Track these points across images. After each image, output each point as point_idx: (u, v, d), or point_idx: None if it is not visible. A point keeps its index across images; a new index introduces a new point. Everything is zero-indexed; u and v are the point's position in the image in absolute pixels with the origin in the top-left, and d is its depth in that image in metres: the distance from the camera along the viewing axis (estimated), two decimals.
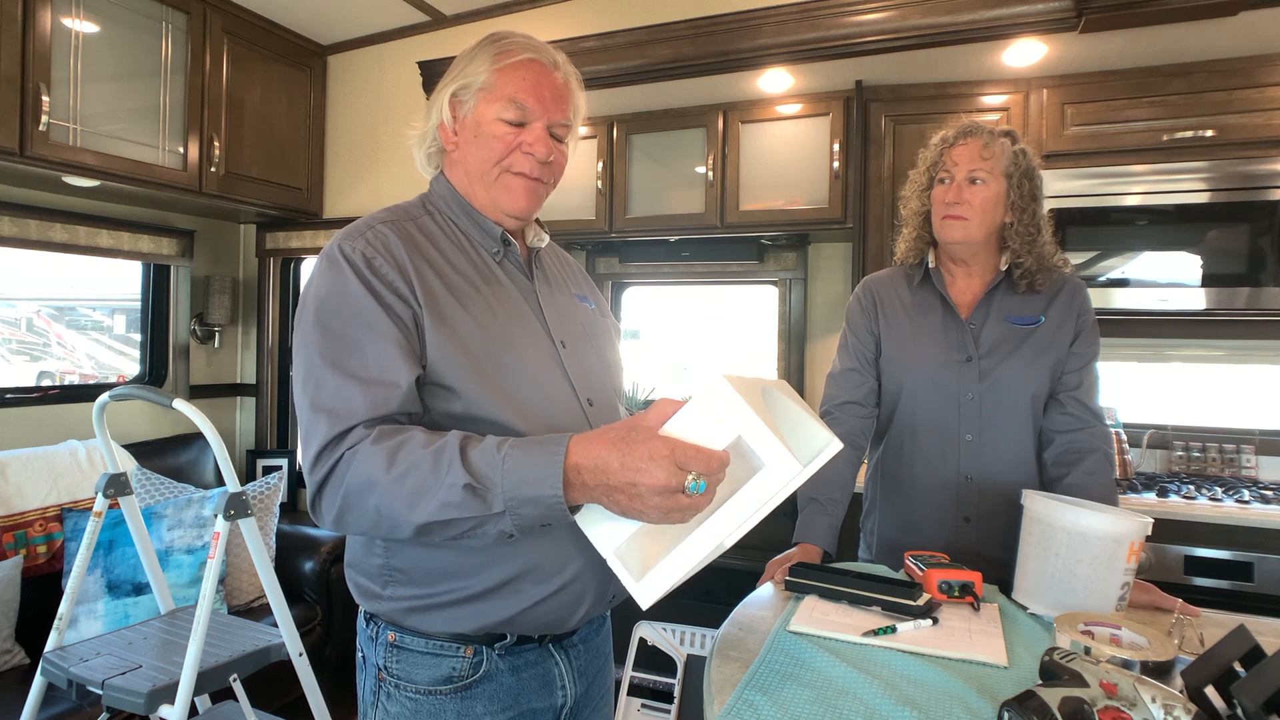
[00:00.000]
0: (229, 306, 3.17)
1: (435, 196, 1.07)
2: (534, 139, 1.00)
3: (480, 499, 0.81)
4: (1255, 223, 2.00)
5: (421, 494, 0.81)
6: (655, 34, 2.41)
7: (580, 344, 1.07)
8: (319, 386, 0.88)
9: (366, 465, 0.83)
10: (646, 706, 2.22)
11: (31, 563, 2.17)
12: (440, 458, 0.82)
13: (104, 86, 2.32)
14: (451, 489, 0.80)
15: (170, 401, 1.63)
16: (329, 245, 0.96)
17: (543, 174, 1.03)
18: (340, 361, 0.88)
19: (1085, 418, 1.40)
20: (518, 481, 0.80)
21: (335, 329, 0.90)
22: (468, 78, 1.01)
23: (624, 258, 3.13)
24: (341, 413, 0.86)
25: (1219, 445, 2.35)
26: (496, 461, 0.81)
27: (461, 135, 1.03)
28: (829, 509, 1.43)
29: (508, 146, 1.00)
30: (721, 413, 0.79)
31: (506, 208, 1.03)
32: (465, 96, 1.01)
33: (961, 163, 1.40)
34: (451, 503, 0.81)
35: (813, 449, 0.84)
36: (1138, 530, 1.07)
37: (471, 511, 0.81)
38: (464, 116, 1.02)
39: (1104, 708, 0.72)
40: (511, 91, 0.99)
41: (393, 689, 0.97)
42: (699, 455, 0.77)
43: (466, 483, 0.80)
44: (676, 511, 0.77)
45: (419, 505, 0.82)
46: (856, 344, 1.55)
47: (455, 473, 0.81)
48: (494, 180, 1.02)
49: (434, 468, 0.82)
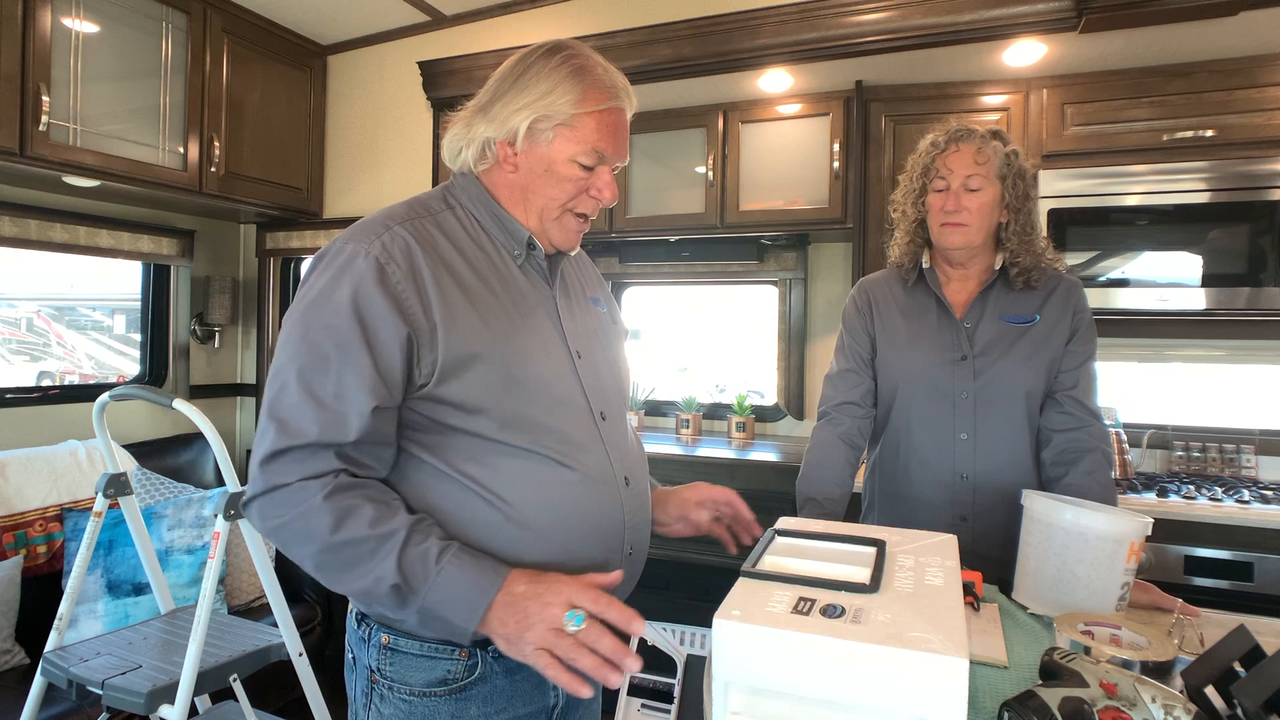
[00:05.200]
0: (229, 306, 3.17)
1: (459, 191, 1.03)
2: (603, 185, 1.01)
3: (399, 599, 0.85)
4: (1255, 223, 2.00)
5: (350, 568, 0.86)
6: (655, 34, 2.41)
7: (594, 353, 1.06)
8: (281, 392, 0.89)
9: (312, 519, 0.86)
10: (646, 706, 2.22)
11: (31, 563, 2.17)
12: (381, 546, 0.85)
13: (104, 86, 2.32)
14: (379, 581, 0.84)
15: (170, 401, 1.63)
16: (338, 240, 0.93)
17: (595, 213, 1.05)
18: (305, 375, 0.88)
19: (1083, 417, 1.40)
20: (440, 601, 0.84)
21: (311, 339, 0.89)
22: (548, 110, 0.96)
23: (624, 258, 3.13)
24: (291, 429, 0.87)
25: (1219, 445, 2.35)
26: (431, 572, 0.85)
27: (526, 161, 0.99)
28: (828, 508, 1.43)
29: (579, 189, 1.00)
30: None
31: (559, 243, 1.03)
32: (544, 127, 0.97)
33: (956, 169, 1.40)
34: (374, 593, 0.85)
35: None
36: (1138, 530, 1.06)
37: (387, 605, 0.86)
38: (535, 146, 0.98)
39: (1104, 708, 0.72)
40: (595, 140, 0.97)
41: (386, 691, 0.96)
42: (595, 596, 0.82)
43: (395, 583, 0.84)
44: (558, 644, 0.80)
45: (344, 577, 0.87)
46: (853, 345, 1.55)
47: (387, 568, 0.84)
48: (555, 218, 1.01)
49: (372, 554, 0.85)
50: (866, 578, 0.79)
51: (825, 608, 0.72)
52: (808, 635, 0.67)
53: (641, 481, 1.08)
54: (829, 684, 0.66)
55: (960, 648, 0.63)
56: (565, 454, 0.95)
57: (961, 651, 0.63)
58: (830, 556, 0.90)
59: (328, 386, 0.88)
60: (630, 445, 1.08)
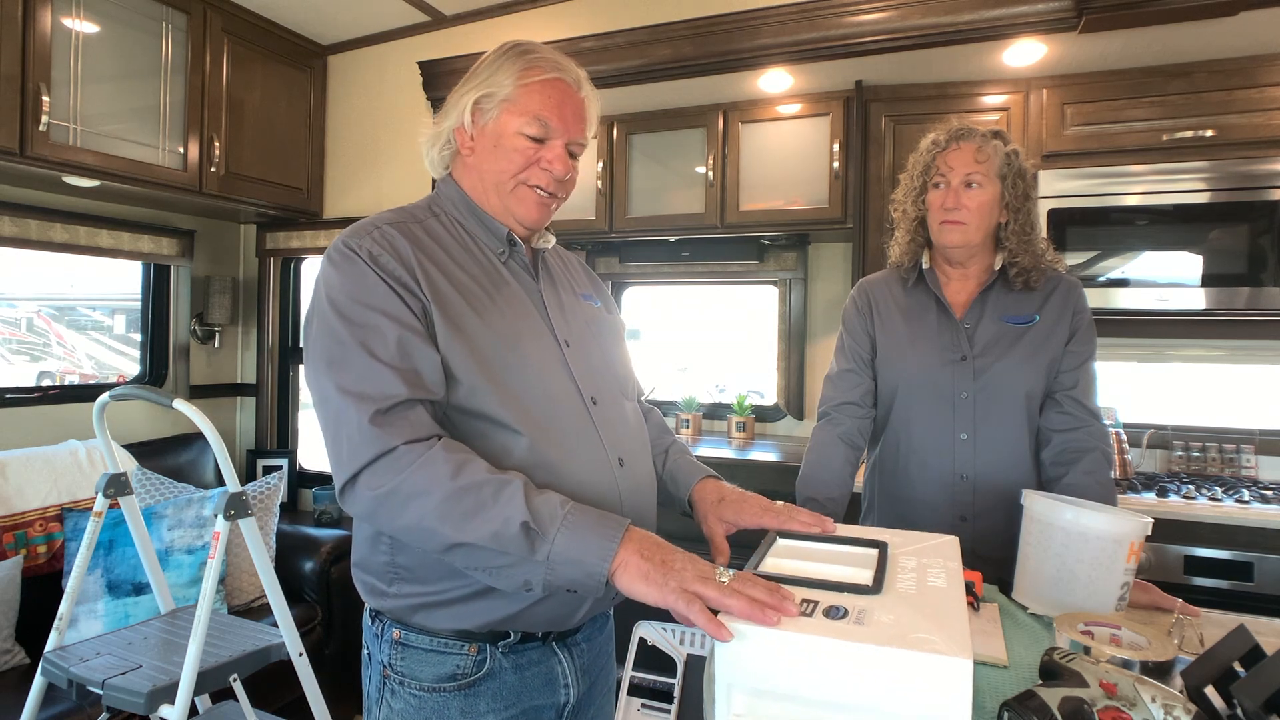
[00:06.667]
0: (229, 306, 3.16)
1: (443, 199, 1.08)
2: (554, 156, 1.02)
3: (529, 542, 0.81)
4: (1255, 223, 2.00)
5: (474, 515, 0.82)
6: (655, 34, 2.41)
7: (585, 343, 1.07)
8: (343, 370, 0.88)
9: (431, 468, 0.84)
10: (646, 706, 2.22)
11: (31, 563, 2.17)
12: (504, 488, 0.83)
13: (104, 86, 2.32)
14: (508, 521, 0.81)
15: (170, 401, 1.63)
16: (334, 244, 0.97)
17: (557, 189, 1.05)
18: (368, 345, 0.89)
19: (1083, 417, 1.40)
20: (570, 541, 0.81)
21: (357, 317, 0.90)
22: (491, 87, 1.01)
23: (624, 258, 3.13)
24: (373, 394, 0.86)
25: (1219, 445, 2.35)
26: (558, 514, 0.82)
27: (479, 142, 1.04)
28: (828, 509, 1.42)
29: (527, 160, 1.02)
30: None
31: (520, 218, 1.05)
32: (488, 105, 1.02)
33: (957, 167, 1.40)
34: (502, 535, 0.81)
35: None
36: (1137, 530, 1.07)
37: (515, 550, 0.82)
38: (484, 125, 1.03)
39: (1104, 708, 0.72)
40: (536, 108, 1.00)
41: (397, 686, 0.98)
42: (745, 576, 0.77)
43: (524, 520, 0.81)
44: (706, 589, 0.76)
45: (468, 525, 0.82)
46: (853, 345, 1.55)
47: (516, 506, 0.82)
48: (510, 191, 1.03)
49: (496, 494, 0.83)
50: (869, 579, 0.79)
51: (828, 609, 0.72)
52: (811, 637, 0.67)
53: (640, 464, 1.08)
54: (832, 685, 0.66)
55: (964, 649, 0.63)
56: (551, 436, 0.96)
57: (965, 652, 0.62)
58: (832, 558, 0.90)
59: (390, 350, 0.89)
60: (628, 429, 1.08)
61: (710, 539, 1.07)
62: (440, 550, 0.85)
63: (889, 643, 0.65)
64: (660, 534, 0.88)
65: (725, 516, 1.07)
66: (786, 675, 0.68)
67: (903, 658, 0.64)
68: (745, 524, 1.06)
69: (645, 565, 0.80)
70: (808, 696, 0.67)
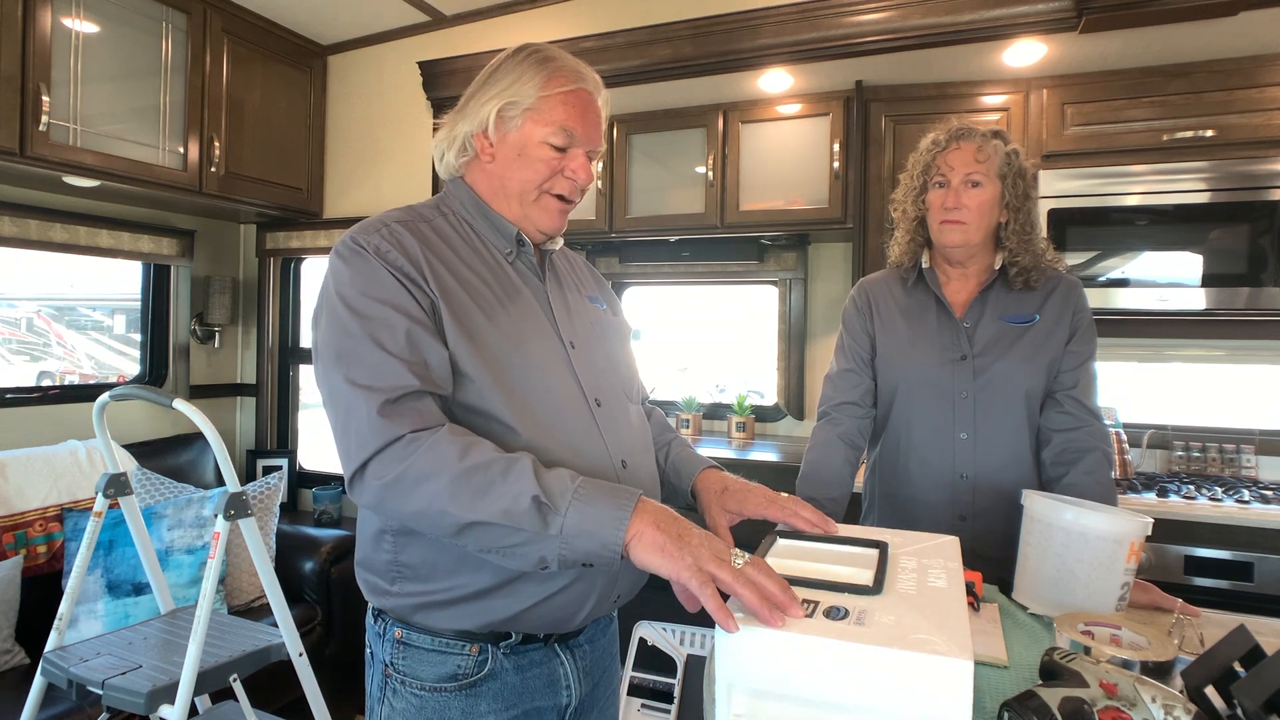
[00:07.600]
0: (229, 306, 3.16)
1: (451, 199, 1.08)
2: (578, 165, 1.03)
3: (541, 516, 0.81)
4: (1255, 223, 2.00)
5: (485, 493, 0.82)
6: (655, 34, 2.41)
7: (590, 345, 1.07)
8: (352, 363, 0.88)
9: (437, 450, 0.84)
10: (646, 706, 2.22)
11: (31, 563, 2.17)
12: (513, 465, 0.83)
13: (104, 86, 2.32)
14: (518, 497, 0.81)
15: (170, 401, 1.63)
16: (342, 240, 0.97)
17: (576, 196, 1.06)
18: (377, 337, 0.89)
19: (1083, 417, 1.40)
20: (583, 513, 0.81)
21: (365, 310, 0.91)
22: (515, 96, 1.01)
23: (624, 258, 3.13)
24: (382, 386, 0.87)
25: (1219, 445, 2.35)
26: (569, 487, 0.82)
27: (501, 150, 1.04)
28: (828, 508, 1.42)
29: (552, 170, 1.03)
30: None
31: (542, 226, 1.05)
32: (511, 114, 1.02)
33: (957, 166, 1.40)
34: (514, 511, 0.81)
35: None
36: (1138, 530, 1.07)
37: (528, 525, 0.81)
38: (507, 133, 1.03)
39: (1104, 708, 0.72)
40: (561, 119, 1.01)
41: (399, 685, 0.98)
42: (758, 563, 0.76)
43: (535, 494, 0.81)
44: (720, 571, 0.74)
45: (478, 504, 0.82)
46: (853, 345, 1.55)
47: (526, 482, 0.81)
48: (533, 200, 1.04)
49: (505, 472, 0.83)
50: (869, 579, 0.79)
51: (828, 609, 0.72)
52: (811, 637, 0.67)
53: (643, 466, 1.08)
54: (832, 686, 0.66)
55: (965, 649, 0.63)
56: (554, 437, 0.96)
57: (966, 653, 0.62)
58: (832, 558, 0.90)
59: (399, 342, 0.89)
60: (631, 431, 1.08)
61: (714, 529, 1.07)
62: (452, 533, 0.84)
63: (889, 643, 0.65)
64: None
65: (729, 507, 1.07)
66: (787, 675, 0.68)
67: (903, 658, 0.64)
68: (749, 514, 1.05)
69: (661, 537, 0.79)
70: (808, 697, 0.67)
